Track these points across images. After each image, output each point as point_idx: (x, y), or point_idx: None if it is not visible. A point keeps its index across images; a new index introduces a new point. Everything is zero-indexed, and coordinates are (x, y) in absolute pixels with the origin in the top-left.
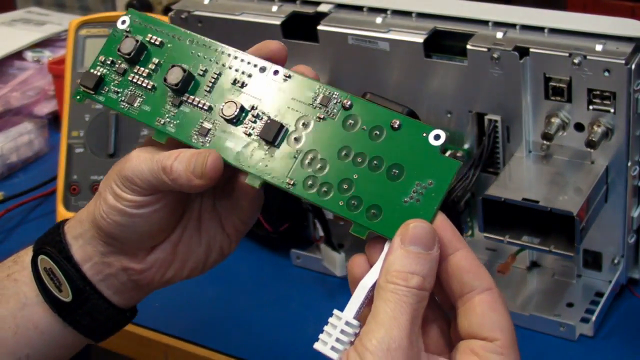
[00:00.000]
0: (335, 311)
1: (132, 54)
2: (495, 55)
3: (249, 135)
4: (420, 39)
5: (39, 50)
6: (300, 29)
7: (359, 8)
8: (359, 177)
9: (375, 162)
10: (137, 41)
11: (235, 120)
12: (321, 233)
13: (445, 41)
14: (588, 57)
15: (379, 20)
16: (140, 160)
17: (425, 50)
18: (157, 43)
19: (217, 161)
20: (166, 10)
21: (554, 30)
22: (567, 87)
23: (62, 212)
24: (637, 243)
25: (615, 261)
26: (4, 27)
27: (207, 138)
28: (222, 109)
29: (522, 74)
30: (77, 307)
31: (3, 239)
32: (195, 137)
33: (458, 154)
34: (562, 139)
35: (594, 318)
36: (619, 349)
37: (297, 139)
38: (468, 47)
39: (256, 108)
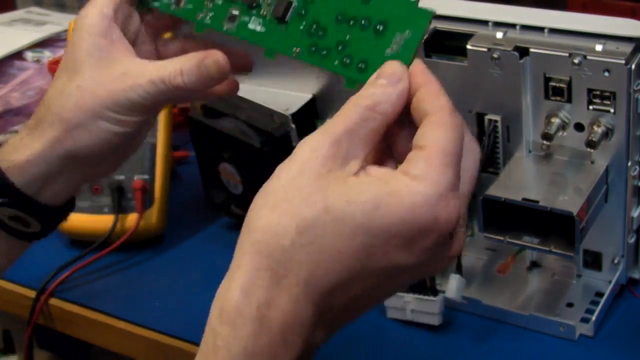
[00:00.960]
0: None
1: None
2: (495, 55)
3: (265, 16)
4: None
5: (39, 50)
6: None
7: None
8: (351, 38)
9: (363, 21)
10: None
11: (255, 5)
12: None
13: (445, 41)
14: (588, 57)
15: None
16: (144, 81)
17: (425, 50)
18: None
19: (223, 58)
20: None
21: (554, 30)
22: (567, 87)
23: None
24: (637, 243)
25: (615, 261)
26: (4, 27)
27: (234, 23)
28: None
29: (522, 74)
30: (46, 230)
31: None
32: (226, 24)
33: None
34: (562, 139)
35: (594, 318)
36: (619, 349)
37: (301, 13)
38: (468, 47)
39: None
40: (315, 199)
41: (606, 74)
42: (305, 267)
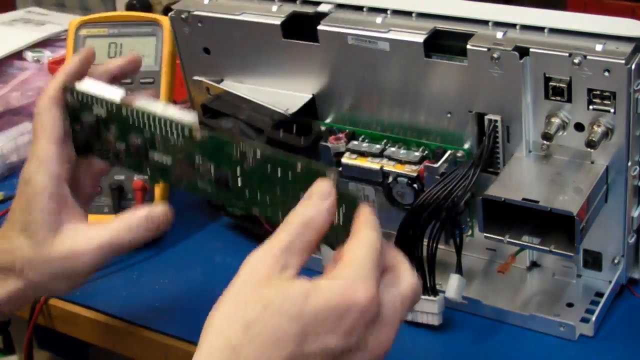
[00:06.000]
0: None
1: None
2: (495, 55)
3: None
4: (420, 39)
5: (38, 50)
6: (300, 29)
7: (359, 8)
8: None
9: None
10: None
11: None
12: None
13: (445, 41)
14: (588, 57)
15: (379, 20)
16: (90, 253)
17: (425, 50)
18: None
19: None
20: (166, 10)
21: (554, 30)
22: (567, 87)
23: None
24: (637, 243)
25: (615, 261)
26: (4, 27)
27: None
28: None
29: (522, 74)
30: None
31: None
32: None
33: (458, 154)
34: (562, 139)
35: (594, 318)
36: (619, 349)
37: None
38: (468, 47)
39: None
40: (255, 303)
41: (606, 74)
42: (252, 358)
